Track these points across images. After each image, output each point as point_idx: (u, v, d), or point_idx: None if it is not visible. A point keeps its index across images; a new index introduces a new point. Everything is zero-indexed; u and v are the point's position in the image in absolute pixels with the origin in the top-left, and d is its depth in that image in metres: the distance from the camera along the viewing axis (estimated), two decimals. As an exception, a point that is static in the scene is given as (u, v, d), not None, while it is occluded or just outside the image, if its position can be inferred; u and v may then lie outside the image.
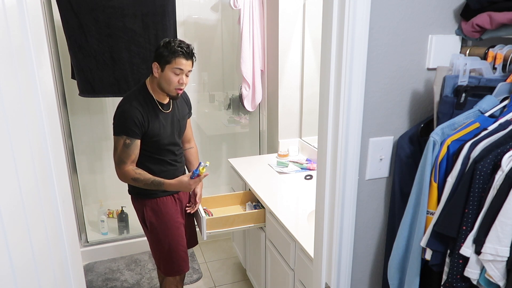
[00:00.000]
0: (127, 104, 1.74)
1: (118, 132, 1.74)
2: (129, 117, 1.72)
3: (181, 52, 1.71)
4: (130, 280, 2.69)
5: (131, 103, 1.74)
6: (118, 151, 1.76)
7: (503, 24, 0.99)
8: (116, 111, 1.77)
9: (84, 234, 2.90)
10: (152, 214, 1.88)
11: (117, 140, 1.75)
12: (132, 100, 1.76)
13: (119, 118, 1.75)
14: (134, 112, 1.73)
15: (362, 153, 1.12)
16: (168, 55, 1.70)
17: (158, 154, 1.85)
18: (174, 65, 1.71)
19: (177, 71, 1.72)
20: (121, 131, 1.73)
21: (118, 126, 1.75)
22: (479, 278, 0.86)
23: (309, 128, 2.76)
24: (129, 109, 1.73)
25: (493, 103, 0.98)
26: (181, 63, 1.72)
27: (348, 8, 0.97)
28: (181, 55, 1.71)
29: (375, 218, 1.22)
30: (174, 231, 1.92)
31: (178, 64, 1.71)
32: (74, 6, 2.26)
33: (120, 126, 1.74)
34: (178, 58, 1.71)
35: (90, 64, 2.39)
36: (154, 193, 1.87)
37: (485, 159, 0.85)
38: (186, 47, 1.73)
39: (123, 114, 1.74)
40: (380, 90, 1.09)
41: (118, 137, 1.74)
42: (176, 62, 1.71)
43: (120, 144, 1.74)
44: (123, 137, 1.73)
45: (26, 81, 0.73)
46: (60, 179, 0.85)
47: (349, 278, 1.22)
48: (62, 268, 0.87)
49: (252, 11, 2.74)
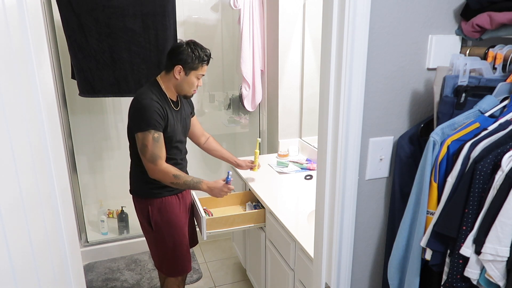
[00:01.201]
0: (148, 99, 1.73)
1: (143, 127, 1.71)
2: (153, 111, 1.71)
3: (207, 60, 1.82)
4: (130, 280, 2.69)
5: (151, 98, 1.74)
6: (149, 148, 1.71)
7: (503, 24, 0.99)
8: (136, 107, 1.73)
9: (84, 234, 2.90)
10: (158, 213, 1.88)
11: (145, 136, 1.71)
12: (150, 95, 1.75)
13: (142, 113, 1.71)
14: (156, 105, 1.73)
15: (362, 153, 1.12)
16: (196, 62, 1.79)
17: (167, 152, 1.84)
18: (200, 71, 1.82)
19: (200, 76, 1.84)
20: (148, 125, 1.70)
21: (143, 122, 1.71)
22: (479, 278, 0.86)
23: (309, 128, 2.76)
24: (150, 103, 1.72)
25: (493, 103, 0.98)
26: (205, 69, 1.84)
27: (348, 8, 0.97)
28: (206, 62, 1.83)
29: (375, 218, 1.22)
30: (179, 230, 1.93)
31: (203, 71, 1.83)
32: (74, 6, 2.26)
33: (145, 121, 1.70)
34: (204, 65, 1.82)
35: (90, 64, 2.39)
36: (159, 192, 1.87)
37: (485, 159, 0.85)
38: (210, 54, 1.84)
39: (146, 108, 1.71)
40: (380, 90, 1.09)
41: (145, 133, 1.70)
42: (202, 69, 1.82)
43: (149, 139, 1.71)
44: (150, 132, 1.70)
45: (26, 81, 0.73)
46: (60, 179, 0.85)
47: (349, 278, 1.22)
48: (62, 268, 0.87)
49: (252, 11, 2.74)
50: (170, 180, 1.78)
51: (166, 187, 1.86)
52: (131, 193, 1.95)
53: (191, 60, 1.76)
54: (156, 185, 1.85)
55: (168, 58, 1.81)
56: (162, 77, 1.84)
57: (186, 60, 1.76)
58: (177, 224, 1.92)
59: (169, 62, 1.81)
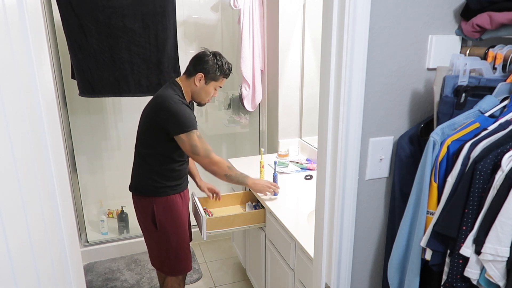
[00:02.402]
0: (179, 102, 1.80)
1: (186, 128, 1.77)
2: (189, 112, 1.80)
3: (228, 74, 1.89)
4: (130, 280, 2.69)
5: (181, 101, 1.82)
6: (199, 146, 1.79)
7: (503, 24, 0.99)
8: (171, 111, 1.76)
9: (84, 234, 2.90)
10: (163, 212, 1.90)
11: (190, 136, 1.78)
12: (179, 98, 1.83)
13: (180, 116, 1.77)
14: (187, 107, 1.82)
15: (362, 153, 1.12)
16: (218, 74, 1.85)
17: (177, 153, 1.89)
18: (219, 83, 1.89)
19: (218, 87, 1.90)
20: (190, 126, 1.78)
21: (184, 123, 1.77)
22: (479, 278, 0.86)
23: (309, 128, 2.76)
24: (183, 106, 1.80)
25: (493, 103, 0.98)
26: (223, 82, 1.90)
27: (348, 8, 0.97)
28: (227, 76, 1.89)
29: (375, 218, 1.22)
30: (181, 229, 1.96)
31: (222, 83, 1.90)
32: (74, 6, 2.26)
33: (187, 123, 1.77)
34: (224, 78, 1.89)
35: (90, 64, 2.39)
36: (165, 191, 1.89)
37: (485, 159, 0.85)
38: (231, 69, 1.90)
39: (183, 111, 1.78)
40: (380, 90, 1.09)
41: (189, 133, 1.77)
42: (221, 81, 1.89)
43: (195, 138, 1.79)
44: (193, 132, 1.78)
45: (26, 81, 0.73)
46: (60, 179, 0.85)
47: (349, 278, 1.22)
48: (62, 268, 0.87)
49: (252, 11, 2.74)
50: (224, 171, 1.87)
51: (171, 186, 1.89)
52: (132, 191, 1.95)
53: (214, 71, 1.84)
54: (162, 183, 1.87)
55: (192, 64, 1.88)
56: (183, 81, 1.89)
57: (209, 70, 1.84)
58: (181, 223, 1.95)
59: (192, 68, 1.87)
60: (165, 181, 1.88)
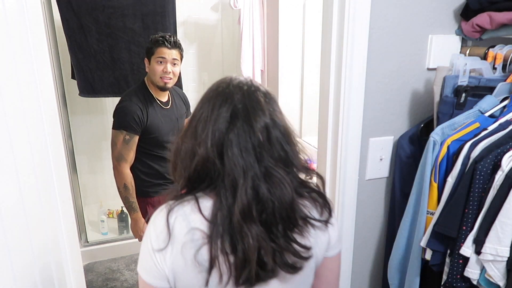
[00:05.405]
0: (128, 101, 1.79)
1: (117, 126, 1.78)
2: (129, 113, 1.76)
3: (162, 41, 1.79)
4: (130, 280, 2.69)
5: (131, 99, 1.79)
6: (118, 146, 1.79)
7: (503, 24, 0.99)
8: (117, 107, 1.81)
9: (84, 234, 2.90)
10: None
11: (117, 134, 1.78)
12: (132, 96, 1.80)
13: (119, 113, 1.79)
14: (134, 108, 1.77)
15: (362, 153, 1.12)
16: (152, 47, 1.79)
17: (157, 151, 1.87)
18: (157, 54, 1.79)
19: (160, 59, 1.80)
20: (121, 125, 1.77)
21: (118, 121, 1.78)
22: (479, 278, 0.86)
23: (309, 128, 2.76)
24: (129, 105, 1.77)
25: (493, 103, 0.98)
26: (163, 52, 1.79)
27: (348, 8, 0.97)
28: (162, 44, 1.79)
29: (375, 218, 1.22)
30: None
31: (160, 53, 1.79)
32: (74, 6, 2.26)
33: (120, 121, 1.77)
34: (160, 47, 1.79)
35: (90, 64, 2.39)
36: (155, 191, 1.88)
37: (485, 159, 0.85)
38: (168, 36, 1.81)
39: (123, 109, 1.77)
40: (380, 90, 1.09)
41: (118, 132, 1.78)
42: (158, 51, 1.79)
43: (120, 139, 1.78)
44: (122, 132, 1.77)
45: (26, 81, 0.73)
46: (60, 179, 0.85)
47: (349, 278, 1.22)
48: (62, 268, 0.87)
49: (252, 11, 2.73)
50: (120, 186, 1.84)
51: (160, 185, 1.88)
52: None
53: (149, 49, 1.81)
54: (150, 182, 1.87)
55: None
56: (147, 77, 1.89)
57: (146, 50, 1.82)
58: None
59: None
60: (151, 179, 1.86)
